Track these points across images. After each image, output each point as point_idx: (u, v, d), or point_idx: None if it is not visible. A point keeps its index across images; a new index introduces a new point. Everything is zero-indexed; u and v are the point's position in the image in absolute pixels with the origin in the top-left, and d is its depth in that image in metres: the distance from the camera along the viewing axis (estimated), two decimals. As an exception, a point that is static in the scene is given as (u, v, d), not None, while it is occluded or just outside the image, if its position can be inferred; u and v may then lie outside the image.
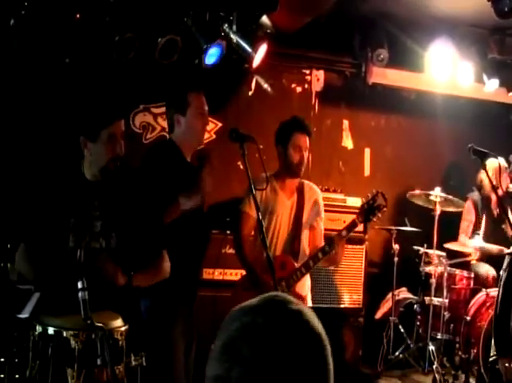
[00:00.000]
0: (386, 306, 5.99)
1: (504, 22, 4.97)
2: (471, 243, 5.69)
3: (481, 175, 5.86)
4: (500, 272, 4.47)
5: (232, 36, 4.83)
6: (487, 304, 5.32)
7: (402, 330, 5.79)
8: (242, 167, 3.96)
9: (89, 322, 2.45)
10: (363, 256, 5.62)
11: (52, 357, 2.62)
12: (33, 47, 4.45)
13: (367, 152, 6.65)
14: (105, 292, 2.84)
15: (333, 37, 6.05)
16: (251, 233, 4.25)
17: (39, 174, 3.97)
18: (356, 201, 5.47)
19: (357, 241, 5.48)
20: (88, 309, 2.44)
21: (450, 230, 5.92)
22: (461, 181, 6.54)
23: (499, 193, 5.26)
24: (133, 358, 2.79)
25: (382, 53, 5.97)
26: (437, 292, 5.53)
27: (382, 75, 6.35)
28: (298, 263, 4.16)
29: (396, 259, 5.81)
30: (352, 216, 4.28)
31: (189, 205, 3.52)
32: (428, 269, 5.66)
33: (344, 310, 5.54)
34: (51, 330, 2.67)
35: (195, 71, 5.04)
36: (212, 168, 3.68)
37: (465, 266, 5.78)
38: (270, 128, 4.47)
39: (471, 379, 5.19)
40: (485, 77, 6.12)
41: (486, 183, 5.61)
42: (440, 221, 5.65)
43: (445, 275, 5.46)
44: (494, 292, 4.88)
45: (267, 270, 3.39)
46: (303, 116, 4.58)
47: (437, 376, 5.23)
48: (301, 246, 4.25)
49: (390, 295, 5.86)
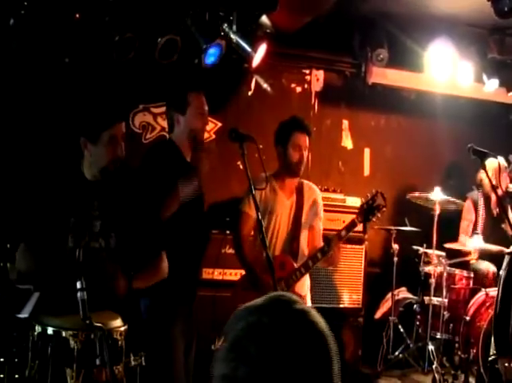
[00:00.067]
0: (385, 306, 5.99)
1: (504, 22, 4.97)
2: (471, 243, 5.69)
3: (480, 174, 5.85)
4: (500, 272, 4.47)
5: (232, 36, 4.83)
6: (487, 304, 5.32)
7: (401, 330, 5.79)
8: (242, 167, 3.96)
9: (88, 322, 2.45)
10: (362, 256, 5.62)
11: (51, 357, 2.62)
12: (33, 47, 4.45)
13: (366, 152, 6.65)
14: (105, 292, 2.84)
15: (333, 37, 6.04)
16: (251, 233, 4.24)
17: (39, 174, 3.97)
18: (356, 201, 5.48)
19: (357, 241, 5.48)
20: (86, 309, 2.44)
21: (449, 230, 5.92)
22: (461, 181, 6.54)
23: (499, 193, 5.27)
24: (132, 358, 2.79)
25: (382, 53, 5.97)
26: (436, 292, 5.53)
27: (382, 75, 6.35)
28: (297, 263, 4.16)
29: (396, 259, 5.81)
30: (352, 216, 4.27)
31: (188, 190, 3.51)
32: (428, 269, 5.66)
33: (343, 310, 5.54)
34: (50, 330, 2.67)
35: (195, 71, 5.04)
36: (209, 152, 3.68)
37: (464, 265, 5.78)
38: (270, 128, 4.47)
39: (471, 379, 5.19)
40: (485, 77, 6.12)
41: (486, 182, 5.60)
42: (440, 221, 5.65)
43: (444, 275, 5.46)
44: (494, 292, 4.88)
45: (267, 270, 3.39)
46: (303, 116, 4.58)
47: (436, 375, 5.23)
48: (300, 246, 4.24)
49: (389, 295, 5.86)
